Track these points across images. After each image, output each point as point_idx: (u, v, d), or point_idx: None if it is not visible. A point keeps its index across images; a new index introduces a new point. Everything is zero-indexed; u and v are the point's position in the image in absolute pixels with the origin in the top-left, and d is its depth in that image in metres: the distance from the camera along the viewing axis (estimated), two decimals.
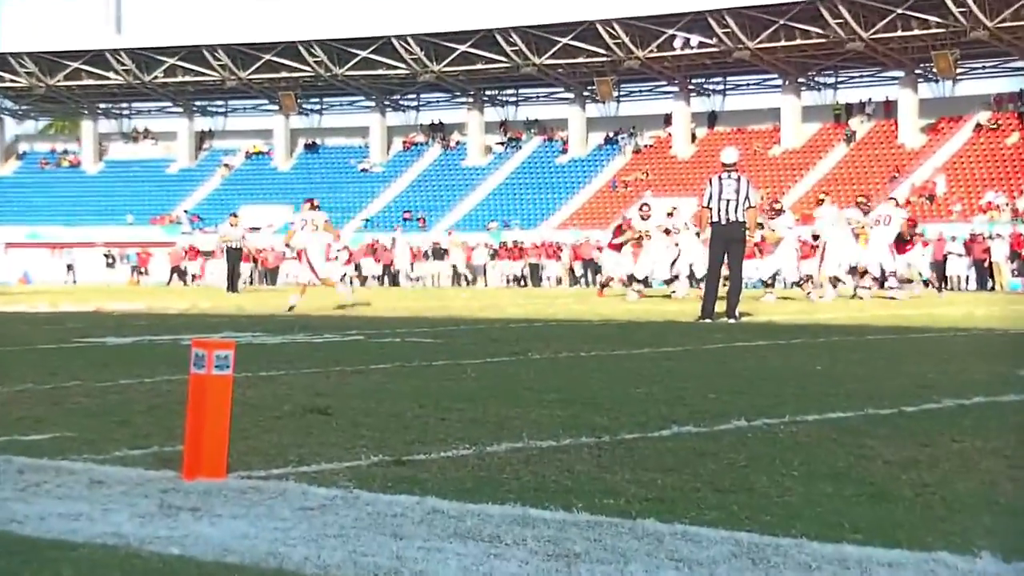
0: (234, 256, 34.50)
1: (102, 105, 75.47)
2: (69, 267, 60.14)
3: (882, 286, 26.27)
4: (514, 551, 3.37)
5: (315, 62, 65.97)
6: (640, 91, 68.57)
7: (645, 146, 65.17)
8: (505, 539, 3.49)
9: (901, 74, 60.07)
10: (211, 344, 4.44)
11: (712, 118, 65.41)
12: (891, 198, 31.94)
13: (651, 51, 60.53)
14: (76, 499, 4.03)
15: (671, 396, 7.06)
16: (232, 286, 33.86)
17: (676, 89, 64.67)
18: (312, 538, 3.51)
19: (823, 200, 27.66)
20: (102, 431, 5.67)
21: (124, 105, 76.61)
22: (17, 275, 56.99)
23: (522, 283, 51.66)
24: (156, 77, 69.18)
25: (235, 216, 36.13)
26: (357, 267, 54.24)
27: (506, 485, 4.35)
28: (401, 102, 72.11)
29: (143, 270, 57.57)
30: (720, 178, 16.44)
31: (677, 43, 59.92)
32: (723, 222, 16.26)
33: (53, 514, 3.80)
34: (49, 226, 66.32)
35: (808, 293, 26.09)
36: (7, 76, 70.94)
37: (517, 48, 62.33)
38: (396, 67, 65.43)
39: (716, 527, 3.63)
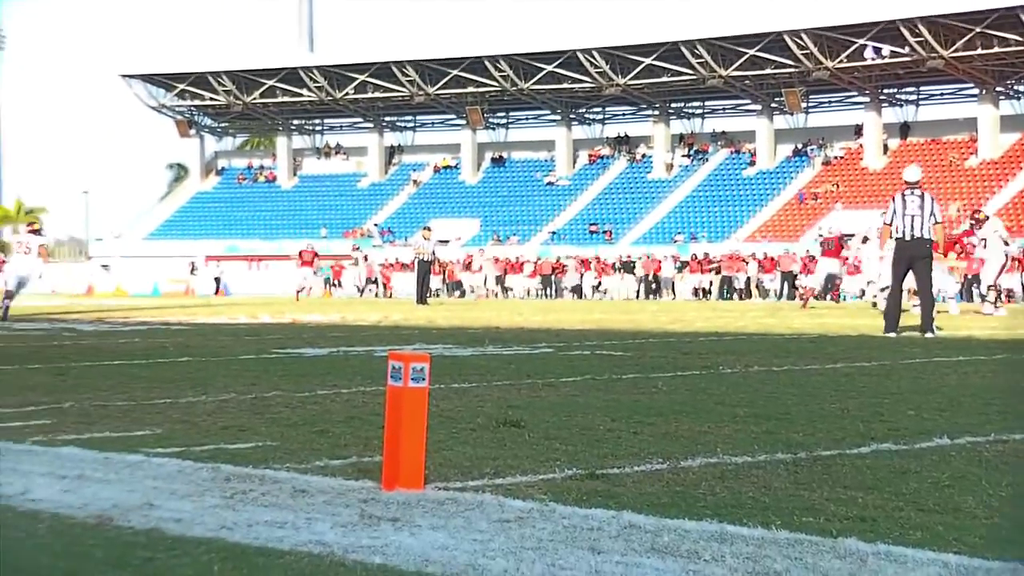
0: (424, 268, 34.98)
1: (296, 121, 77.41)
2: (192, 266, 61.92)
3: None
4: (713, 568, 3.34)
5: (501, 76, 66.60)
6: (829, 102, 67.47)
7: (835, 158, 64.06)
8: (703, 555, 3.46)
9: None
10: (407, 357, 4.51)
11: (905, 129, 63.96)
12: None
13: (841, 61, 59.51)
14: (281, 507, 4.13)
15: (868, 412, 6.91)
16: (421, 298, 34.33)
17: (867, 99, 63.42)
18: (510, 550, 3.53)
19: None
20: (303, 441, 5.80)
21: (317, 121, 78.46)
22: (216, 287, 58.80)
23: (708, 296, 51.27)
24: (347, 93, 70.69)
25: (428, 229, 36.59)
26: (544, 280, 54.46)
27: (702, 501, 4.31)
28: (587, 115, 72.29)
29: (336, 283, 58.76)
30: (903, 195, 16.36)
31: (868, 53, 58.78)
32: (907, 238, 16.17)
33: (260, 522, 3.90)
34: (246, 239, 68.28)
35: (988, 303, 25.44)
36: (207, 95, 73.39)
37: (703, 60, 61.93)
38: (582, 80, 65.62)
39: (922, 548, 3.53)
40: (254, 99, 72.63)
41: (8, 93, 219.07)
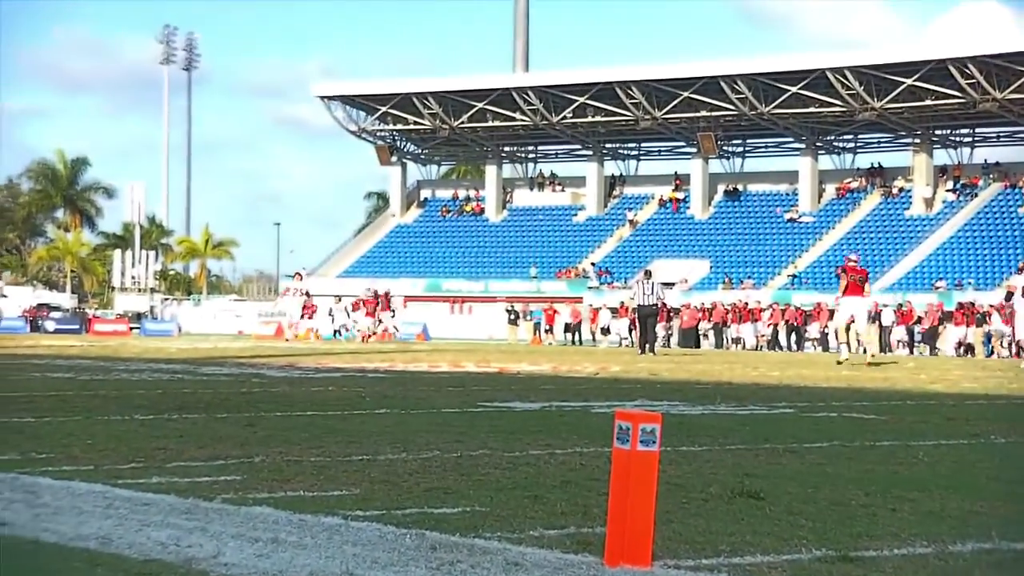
0: (648, 315, 34.90)
1: (507, 148, 78.22)
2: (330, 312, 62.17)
3: None
4: None
5: (739, 99, 66.20)
6: None
7: None
8: None
9: None
10: (636, 416, 4.50)
11: None
12: None
13: None
14: None
15: None
16: (645, 348, 34.27)
17: None
18: None
19: None
20: (514, 507, 5.84)
21: (530, 148, 79.17)
22: (416, 331, 59.77)
23: (974, 352, 49.91)
24: (564, 117, 71.13)
25: (647, 272, 36.61)
26: (778, 332, 53.79)
27: None
28: (835, 143, 71.36)
29: (548, 328, 59.10)
30: None
31: None
32: None
33: None
34: (450, 279, 69.16)
35: None
36: (411, 118, 74.55)
37: (974, 81, 60.53)
38: (831, 104, 64.81)
39: None
40: (462, 123, 73.62)
41: (199, 116, 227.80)
